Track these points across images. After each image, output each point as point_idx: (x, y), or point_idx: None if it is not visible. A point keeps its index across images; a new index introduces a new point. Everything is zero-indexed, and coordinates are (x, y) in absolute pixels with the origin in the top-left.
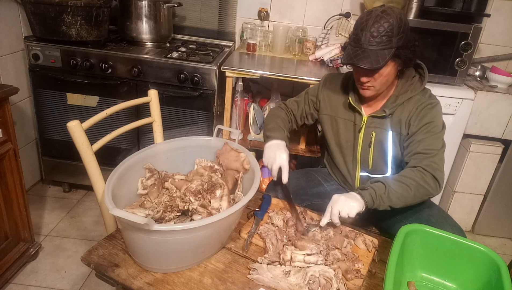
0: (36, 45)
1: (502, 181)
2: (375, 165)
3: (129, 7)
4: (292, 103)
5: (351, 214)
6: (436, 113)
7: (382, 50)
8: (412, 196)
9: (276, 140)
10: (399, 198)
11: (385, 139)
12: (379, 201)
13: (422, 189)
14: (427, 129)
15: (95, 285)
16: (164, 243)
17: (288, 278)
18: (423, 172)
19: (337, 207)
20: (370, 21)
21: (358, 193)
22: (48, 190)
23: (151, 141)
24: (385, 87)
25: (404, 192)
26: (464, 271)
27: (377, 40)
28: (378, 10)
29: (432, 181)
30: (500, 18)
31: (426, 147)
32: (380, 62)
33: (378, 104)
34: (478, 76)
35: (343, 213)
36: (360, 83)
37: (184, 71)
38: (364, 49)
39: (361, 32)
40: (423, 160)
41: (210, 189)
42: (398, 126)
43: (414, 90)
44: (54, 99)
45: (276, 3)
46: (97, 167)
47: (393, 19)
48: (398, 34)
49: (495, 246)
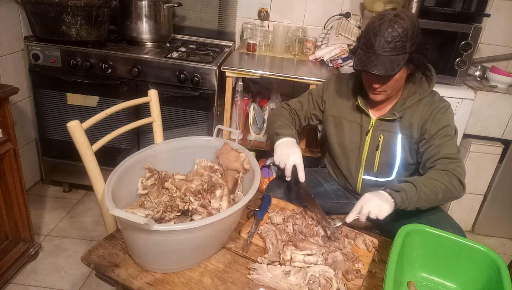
0: (36, 45)
1: (502, 181)
2: (380, 168)
3: (129, 7)
4: (295, 103)
5: (380, 216)
6: (451, 116)
7: (396, 56)
8: (440, 199)
9: (286, 137)
10: (427, 201)
11: (393, 142)
12: (409, 203)
13: (450, 192)
14: (444, 133)
15: (95, 285)
16: (164, 243)
17: (288, 278)
18: (451, 176)
19: (368, 207)
20: (384, 26)
21: (389, 193)
22: (48, 190)
23: (151, 141)
24: (395, 91)
25: (433, 194)
26: (464, 271)
27: (391, 46)
28: (391, 14)
29: (458, 185)
30: (500, 18)
31: (448, 151)
32: (395, 69)
33: (386, 107)
34: (478, 76)
35: (372, 215)
36: (371, 88)
37: (184, 71)
38: (378, 55)
39: (374, 37)
40: (449, 164)
41: (210, 189)
42: (408, 129)
43: (423, 93)
44: (54, 99)
45: (276, 3)
46: (97, 167)
47: (407, 24)
48: (412, 39)
49: (495, 246)
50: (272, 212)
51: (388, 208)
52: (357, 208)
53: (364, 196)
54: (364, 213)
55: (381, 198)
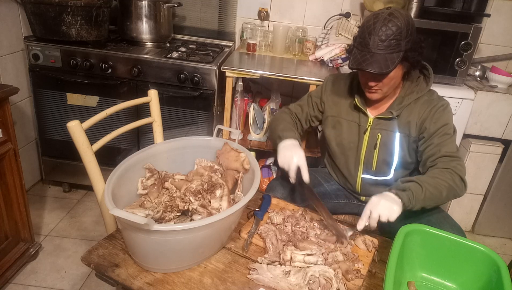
0: (36, 45)
1: (502, 181)
2: (378, 166)
3: (129, 7)
4: (296, 107)
5: (391, 218)
6: (450, 114)
7: (390, 54)
8: (444, 197)
9: (289, 139)
10: (432, 199)
11: (391, 141)
12: (415, 203)
13: (453, 190)
14: (443, 131)
15: (95, 285)
16: (164, 243)
17: (288, 278)
18: (453, 173)
19: (377, 211)
20: (378, 25)
21: (395, 194)
22: (48, 190)
23: (151, 141)
24: (392, 89)
25: (438, 193)
26: (464, 271)
27: (386, 44)
28: (385, 13)
29: (460, 183)
30: (500, 18)
31: (448, 149)
32: (390, 66)
33: (384, 106)
34: (478, 76)
35: (383, 218)
36: (367, 87)
37: (184, 71)
38: (372, 53)
39: (369, 36)
40: (450, 162)
41: (210, 189)
42: (406, 127)
43: (420, 91)
44: (54, 99)
45: (276, 3)
46: (97, 167)
47: (401, 22)
48: (406, 37)
49: (495, 246)
50: (272, 212)
51: (398, 209)
52: (366, 213)
53: (371, 200)
54: (374, 218)
55: (388, 199)
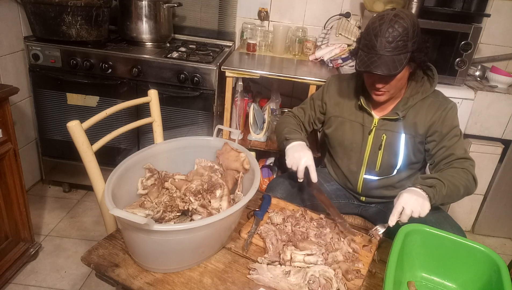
0: (36, 45)
1: (502, 181)
2: (382, 167)
3: (129, 7)
4: (299, 110)
5: (423, 214)
6: (457, 116)
7: (398, 55)
8: (460, 195)
9: (296, 141)
10: (451, 197)
11: (396, 142)
12: (437, 199)
13: (468, 189)
14: (454, 133)
15: (95, 285)
16: (164, 243)
17: (288, 278)
18: (468, 173)
19: (410, 207)
20: (384, 26)
21: (422, 189)
22: (48, 190)
23: (151, 141)
24: (398, 90)
25: (457, 190)
26: (464, 271)
27: (393, 46)
28: (391, 14)
29: (473, 181)
30: (500, 18)
31: (462, 152)
32: (398, 68)
33: (389, 107)
34: (478, 76)
35: (415, 214)
36: (375, 89)
37: (184, 71)
38: (380, 55)
39: (375, 38)
40: (464, 162)
41: (210, 189)
42: (412, 128)
43: (425, 92)
44: (54, 99)
45: (276, 3)
46: (97, 167)
47: (407, 23)
48: (413, 38)
49: (495, 246)
50: (272, 212)
51: (428, 205)
52: (397, 209)
53: (401, 196)
54: (407, 214)
55: (420, 195)
